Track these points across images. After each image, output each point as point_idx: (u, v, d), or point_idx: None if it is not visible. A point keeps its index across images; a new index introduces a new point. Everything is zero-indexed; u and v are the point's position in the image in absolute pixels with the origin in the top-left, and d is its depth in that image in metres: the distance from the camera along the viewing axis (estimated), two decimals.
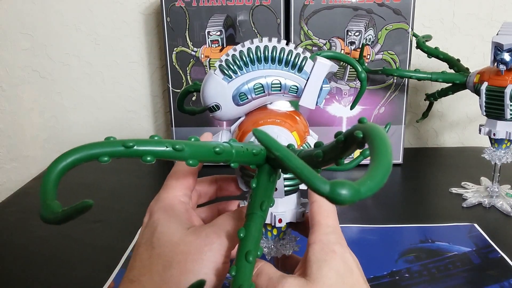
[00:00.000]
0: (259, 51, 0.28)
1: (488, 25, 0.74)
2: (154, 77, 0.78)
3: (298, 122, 0.30)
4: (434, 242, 0.46)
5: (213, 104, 0.29)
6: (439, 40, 0.73)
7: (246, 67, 0.28)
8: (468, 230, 0.49)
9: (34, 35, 0.77)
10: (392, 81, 0.65)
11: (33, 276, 0.42)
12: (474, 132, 0.55)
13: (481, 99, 0.51)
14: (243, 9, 0.62)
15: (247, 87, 0.28)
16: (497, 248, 0.45)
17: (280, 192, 0.29)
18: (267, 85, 0.28)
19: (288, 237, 0.32)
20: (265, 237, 0.31)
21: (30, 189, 0.63)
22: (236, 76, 0.28)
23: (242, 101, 0.29)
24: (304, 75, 0.29)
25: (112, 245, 0.47)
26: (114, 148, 0.20)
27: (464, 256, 0.44)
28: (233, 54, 0.28)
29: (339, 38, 0.63)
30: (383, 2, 0.62)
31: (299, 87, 0.29)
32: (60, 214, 0.18)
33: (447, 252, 0.45)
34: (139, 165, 0.71)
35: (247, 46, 0.28)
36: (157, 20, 0.75)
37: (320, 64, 0.28)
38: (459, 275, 0.41)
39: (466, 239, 0.47)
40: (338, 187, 0.16)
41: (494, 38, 0.48)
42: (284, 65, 0.28)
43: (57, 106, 0.80)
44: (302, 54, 0.28)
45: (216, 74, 0.28)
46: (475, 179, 0.61)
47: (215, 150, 0.22)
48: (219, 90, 0.28)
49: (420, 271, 0.42)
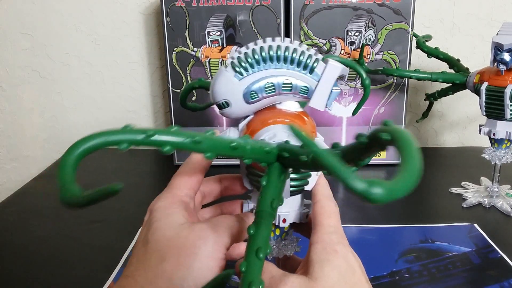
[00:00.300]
0: (272, 50, 0.28)
1: (488, 25, 0.74)
2: (154, 77, 0.78)
3: (306, 123, 0.30)
4: (434, 242, 0.47)
5: (223, 100, 0.28)
6: (439, 40, 0.73)
7: (258, 65, 0.28)
8: (468, 230, 0.49)
9: (34, 35, 0.77)
10: (392, 81, 0.65)
11: (33, 276, 0.42)
12: (474, 132, 0.55)
13: (481, 99, 0.51)
14: (243, 9, 0.62)
15: (258, 86, 0.28)
16: (497, 248, 0.45)
17: (286, 192, 0.28)
18: (278, 85, 0.28)
19: (290, 237, 0.32)
20: None
21: (30, 189, 0.63)
22: (248, 74, 0.28)
23: (252, 99, 0.28)
24: (315, 76, 0.29)
25: (111, 245, 0.47)
26: (135, 136, 0.20)
27: (464, 256, 0.44)
28: (246, 52, 0.28)
29: (339, 38, 0.63)
30: (383, 2, 0.62)
31: (310, 88, 0.29)
32: (84, 197, 0.18)
33: (447, 252, 0.45)
34: (139, 165, 0.71)
35: (260, 44, 0.28)
36: (157, 20, 0.75)
37: (331, 67, 0.28)
38: (459, 275, 0.41)
39: (466, 239, 0.47)
40: (374, 186, 0.16)
41: (494, 38, 0.48)
42: (296, 66, 0.28)
43: (57, 106, 0.80)
44: (314, 55, 0.28)
45: (227, 71, 0.28)
46: (475, 179, 0.61)
47: (231, 145, 0.23)
48: (230, 87, 0.28)
49: (420, 271, 0.42)
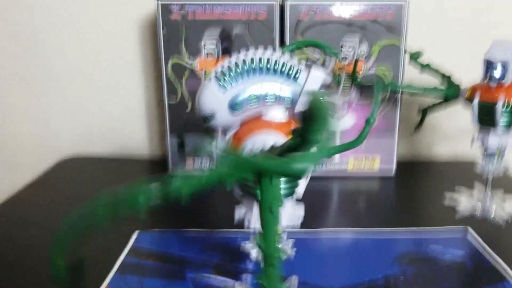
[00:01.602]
0: (254, 62, 0.29)
1: (480, 42, 0.76)
2: (149, 88, 0.79)
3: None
4: (428, 245, 0.47)
5: (209, 113, 0.29)
6: (431, 56, 0.74)
7: (242, 77, 0.29)
8: (462, 234, 0.50)
9: (24, 42, 0.77)
10: (385, 96, 0.66)
11: (24, 285, 0.41)
12: (467, 145, 0.56)
13: (473, 114, 0.52)
14: (238, 23, 0.63)
15: (242, 98, 0.29)
16: (490, 251, 0.46)
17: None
18: (261, 96, 0.29)
19: (283, 241, 0.33)
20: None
21: (21, 198, 0.62)
22: (232, 86, 0.29)
23: (237, 110, 0.29)
24: (298, 86, 0.29)
25: (105, 253, 0.46)
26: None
27: (458, 259, 0.45)
28: (228, 65, 0.29)
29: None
30: (376, 19, 0.63)
31: (294, 97, 0.30)
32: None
33: (441, 255, 0.45)
34: (132, 175, 0.71)
35: (242, 56, 0.29)
36: (153, 32, 0.75)
37: (313, 76, 0.29)
38: (452, 278, 0.41)
39: (460, 243, 0.48)
40: (294, 162, 0.19)
41: (485, 55, 0.50)
42: (279, 76, 0.29)
43: (49, 114, 0.80)
44: (297, 65, 0.29)
45: (211, 84, 0.29)
46: (468, 191, 0.61)
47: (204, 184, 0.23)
48: (215, 100, 0.29)
49: (414, 274, 0.42)
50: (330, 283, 0.40)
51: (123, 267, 0.43)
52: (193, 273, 0.42)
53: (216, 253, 0.45)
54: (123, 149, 0.81)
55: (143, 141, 0.81)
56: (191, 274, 0.42)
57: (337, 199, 0.62)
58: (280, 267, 0.25)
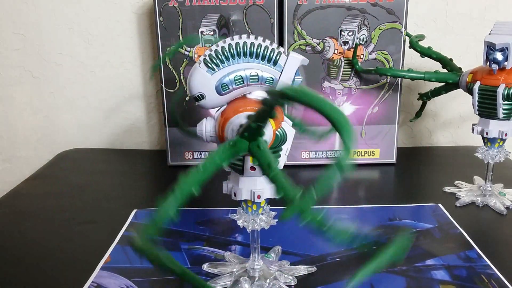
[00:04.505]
0: (239, 47, 0.32)
1: (481, 25, 0.75)
2: (148, 77, 0.78)
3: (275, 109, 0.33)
4: (401, 220, 0.51)
5: (199, 94, 0.32)
6: (432, 39, 0.73)
7: (228, 60, 0.32)
8: (433, 210, 0.53)
9: (27, 35, 0.76)
10: (385, 81, 0.65)
11: (25, 276, 0.42)
12: (467, 131, 0.55)
13: (473, 99, 0.51)
14: (236, 9, 0.62)
15: (228, 79, 0.32)
16: (456, 225, 0.49)
17: (259, 171, 0.32)
18: (246, 77, 0.32)
19: (267, 212, 0.37)
20: (246, 212, 0.36)
21: (23, 190, 0.62)
22: (219, 69, 0.32)
23: (224, 91, 0.32)
24: (278, 68, 0.32)
25: (104, 245, 0.46)
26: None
27: (427, 231, 0.49)
28: (216, 50, 0.32)
29: (333, 38, 0.63)
30: (376, 2, 0.62)
31: (274, 79, 0.33)
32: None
33: (412, 228, 0.49)
34: (132, 166, 0.71)
35: (228, 42, 0.32)
36: (150, 20, 0.75)
37: (292, 58, 0.32)
38: (421, 247, 0.45)
39: (430, 218, 0.51)
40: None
41: (486, 37, 0.49)
42: (261, 59, 0.32)
43: (50, 106, 0.80)
44: (277, 49, 0.32)
45: (200, 67, 0.32)
46: (468, 178, 0.61)
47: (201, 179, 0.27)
48: (204, 81, 0.32)
49: (386, 243, 0.44)
50: (310, 251, 0.45)
51: (123, 240, 0.48)
52: (187, 245, 0.46)
53: (207, 228, 0.50)
54: (122, 140, 0.81)
55: (143, 133, 0.81)
56: (185, 246, 0.46)
57: (337, 184, 0.62)
58: (283, 175, 0.27)
